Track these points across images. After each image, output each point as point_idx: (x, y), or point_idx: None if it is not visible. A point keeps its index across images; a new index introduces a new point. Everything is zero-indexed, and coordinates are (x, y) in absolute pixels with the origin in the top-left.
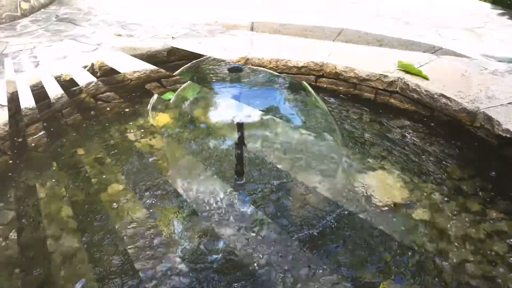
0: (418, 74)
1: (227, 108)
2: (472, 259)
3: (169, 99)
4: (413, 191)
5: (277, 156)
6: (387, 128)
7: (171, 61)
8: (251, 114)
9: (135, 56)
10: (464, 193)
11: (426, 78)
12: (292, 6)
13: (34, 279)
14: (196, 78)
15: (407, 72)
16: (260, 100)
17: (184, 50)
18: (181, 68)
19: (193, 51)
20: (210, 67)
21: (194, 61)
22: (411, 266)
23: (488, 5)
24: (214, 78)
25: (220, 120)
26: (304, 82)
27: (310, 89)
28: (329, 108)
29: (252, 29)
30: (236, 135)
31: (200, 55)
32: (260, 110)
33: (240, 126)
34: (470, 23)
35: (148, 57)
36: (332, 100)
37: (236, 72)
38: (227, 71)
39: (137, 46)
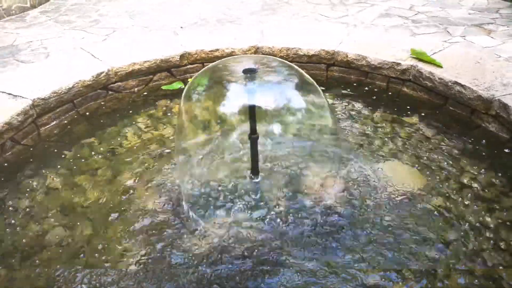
0: (431, 62)
1: (239, 102)
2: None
3: (177, 88)
4: (428, 181)
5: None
6: (399, 118)
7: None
8: (263, 108)
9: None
10: (477, 184)
11: (439, 66)
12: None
13: (44, 267)
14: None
15: (420, 60)
16: (272, 97)
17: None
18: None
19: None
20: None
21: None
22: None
23: (496, 1)
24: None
25: (231, 114)
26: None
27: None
28: (340, 97)
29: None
30: (249, 130)
31: (213, 59)
32: (272, 105)
33: (253, 121)
34: (478, 20)
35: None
36: (343, 88)
37: (250, 73)
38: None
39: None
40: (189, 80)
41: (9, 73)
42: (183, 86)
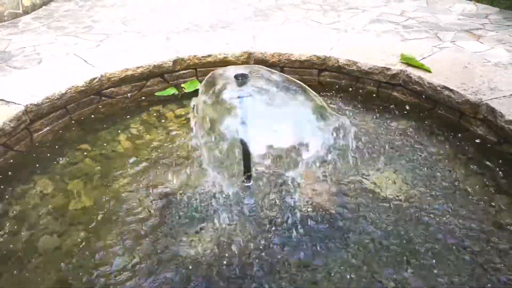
0: (420, 66)
1: (231, 107)
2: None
3: (171, 94)
4: (417, 183)
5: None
6: (389, 122)
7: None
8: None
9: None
10: (467, 186)
11: (428, 71)
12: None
13: (36, 272)
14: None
15: (410, 65)
16: (266, 103)
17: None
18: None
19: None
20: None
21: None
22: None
23: (485, 7)
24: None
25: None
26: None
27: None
28: (331, 102)
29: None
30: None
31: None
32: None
33: (245, 124)
34: (468, 25)
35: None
36: (334, 93)
37: (242, 78)
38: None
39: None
40: (183, 86)
41: (2, 79)
42: (177, 92)
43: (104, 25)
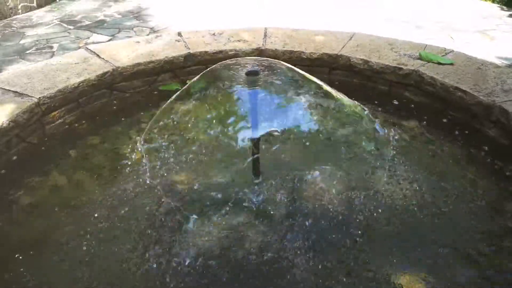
0: (442, 62)
1: (239, 101)
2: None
3: (174, 89)
4: (427, 184)
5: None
6: (400, 123)
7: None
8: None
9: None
10: (477, 189)
11: (451, 64)
12: (302, 9)
13: (47, 263)
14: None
15: (429, 61)
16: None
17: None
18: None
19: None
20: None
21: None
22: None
23: (500, 7)
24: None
25: (232, 113)
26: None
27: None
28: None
29: (265, 35)
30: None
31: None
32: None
33: (255, 119)
34: (482, 26)
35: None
36: (345, 92)
37: (253, 75)
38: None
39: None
40: (187, 82)
41: (16, 71)
42: (179, 88)
43: (117, 19)
